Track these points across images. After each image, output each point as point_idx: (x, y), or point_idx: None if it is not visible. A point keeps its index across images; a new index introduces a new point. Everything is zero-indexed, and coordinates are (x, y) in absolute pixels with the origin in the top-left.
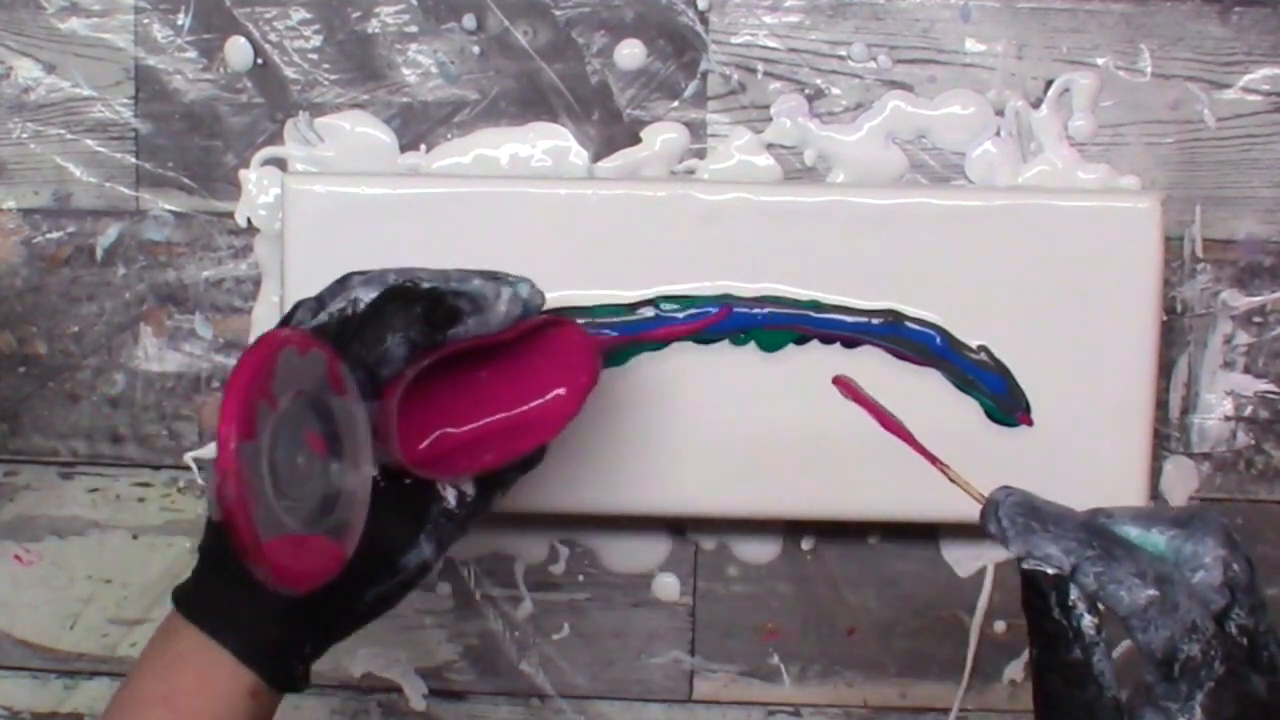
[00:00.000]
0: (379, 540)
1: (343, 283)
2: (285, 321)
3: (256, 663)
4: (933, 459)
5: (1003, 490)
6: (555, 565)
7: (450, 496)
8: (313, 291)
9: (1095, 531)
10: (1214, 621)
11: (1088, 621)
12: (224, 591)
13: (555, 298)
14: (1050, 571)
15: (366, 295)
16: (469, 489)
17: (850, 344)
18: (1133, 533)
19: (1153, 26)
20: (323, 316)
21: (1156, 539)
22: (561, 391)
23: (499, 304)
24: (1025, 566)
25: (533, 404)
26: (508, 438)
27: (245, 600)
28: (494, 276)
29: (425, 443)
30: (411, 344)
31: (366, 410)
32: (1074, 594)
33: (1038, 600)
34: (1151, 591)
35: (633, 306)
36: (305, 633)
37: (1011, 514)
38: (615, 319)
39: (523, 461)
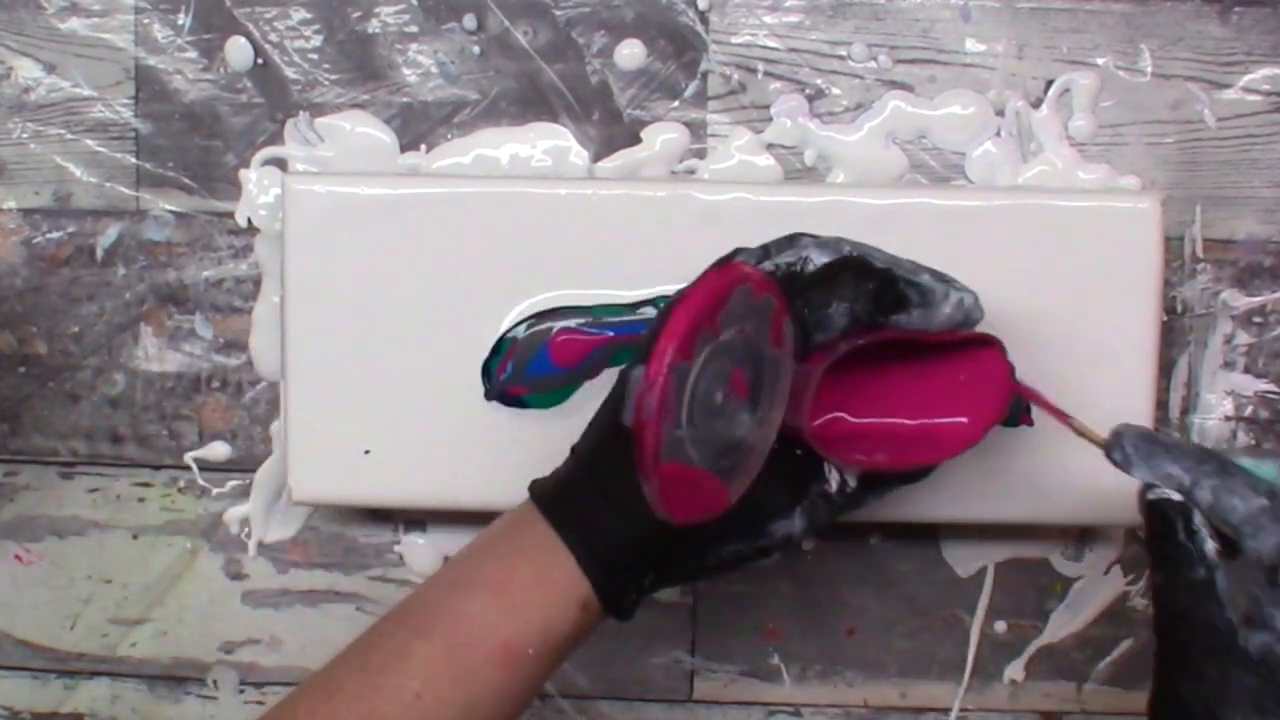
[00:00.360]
0: (757, 500)
1: (792, 240)
2: (727, 260)
3: (597, 577)
4: (1057, 412)
5: (1124, 425)
6: None
7: (833, 481)
8: (312, 290)
9: (1212, 455)
10: None
11: (1210, 546)
12: (589, 498)
13: (555, 298)
14: (1176, 499)
15: (819, 257)
16: (852, 480)
17: None
18: (1245, 462)
19: (1153, 26)
20: (768, 265)
21: (1267, 469)
22: (964, 419)
23: (944, 305)
24: (1150, 497)
25: (936, 419)
26: (902, 444)
27: (608, 514)
28: (943, 278)
29: (820, 420)
30: (854, 317)
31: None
32: (1197, 520)
33: (1163, 528)
34: (1263, 500)
35: (633, 306)
36: (652, 564)
37: (1135, 442)
38: (616, 319)
39: (910, 473)
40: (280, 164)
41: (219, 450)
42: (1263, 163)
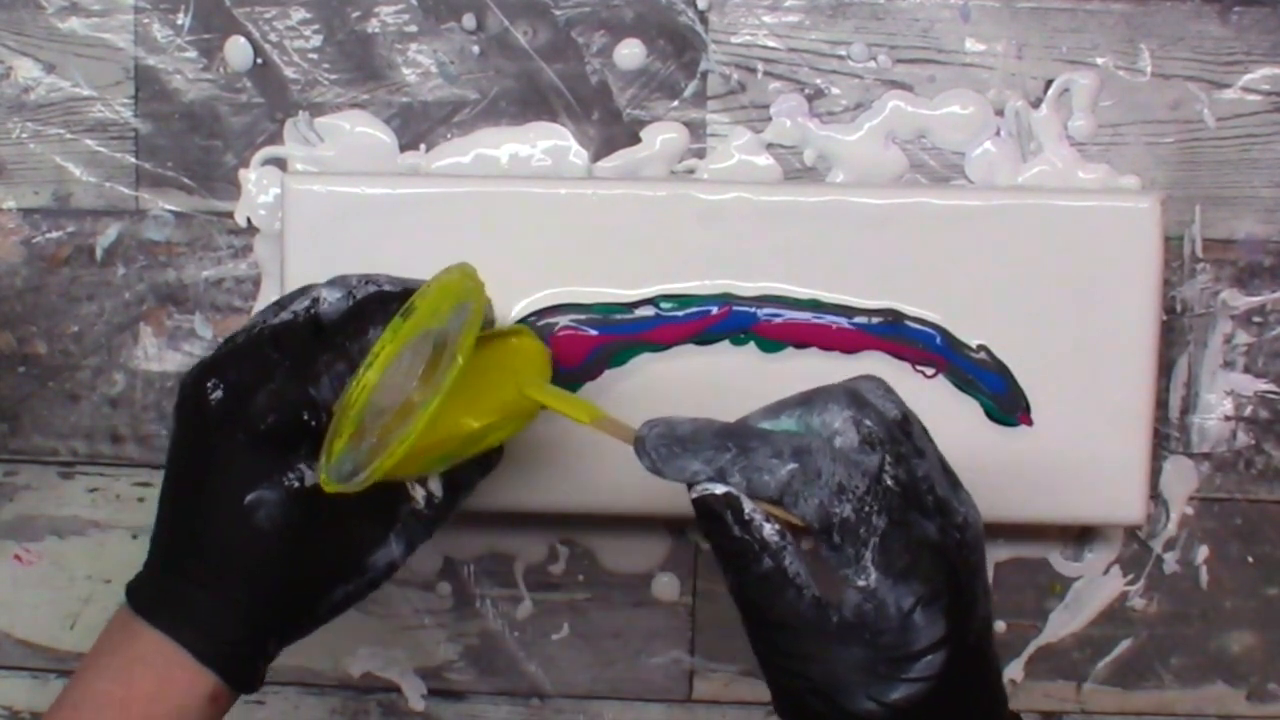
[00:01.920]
0: (350, 539)
1: (303, 291)
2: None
3: (219, 665)
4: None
5: (646, 425)
6: (555, 565)
7: (419, 497)
8: None
9: (729, 434)
10: (867, 479)
11: (769, 530)
12: (183, 589)
13: (556, 296)
14: (719, 491)
15: (330, 294)
16: (437, 490)
17: (850, 349)
18: (766, 425)
19: (1153, 26)
20: (286, 315)
21: (787, 423)
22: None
23: None
24: (693, 496)
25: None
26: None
27: (207, 599)
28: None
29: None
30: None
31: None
32: (749, 508)
33: (716, 524)
34: (791, 465)
35: (632, 306)
36: (269, 631)
37: (656, 445)
38: (617, 318)
39: (482, 463)
40: (280, 164)
41: None
42: (1263, 163)
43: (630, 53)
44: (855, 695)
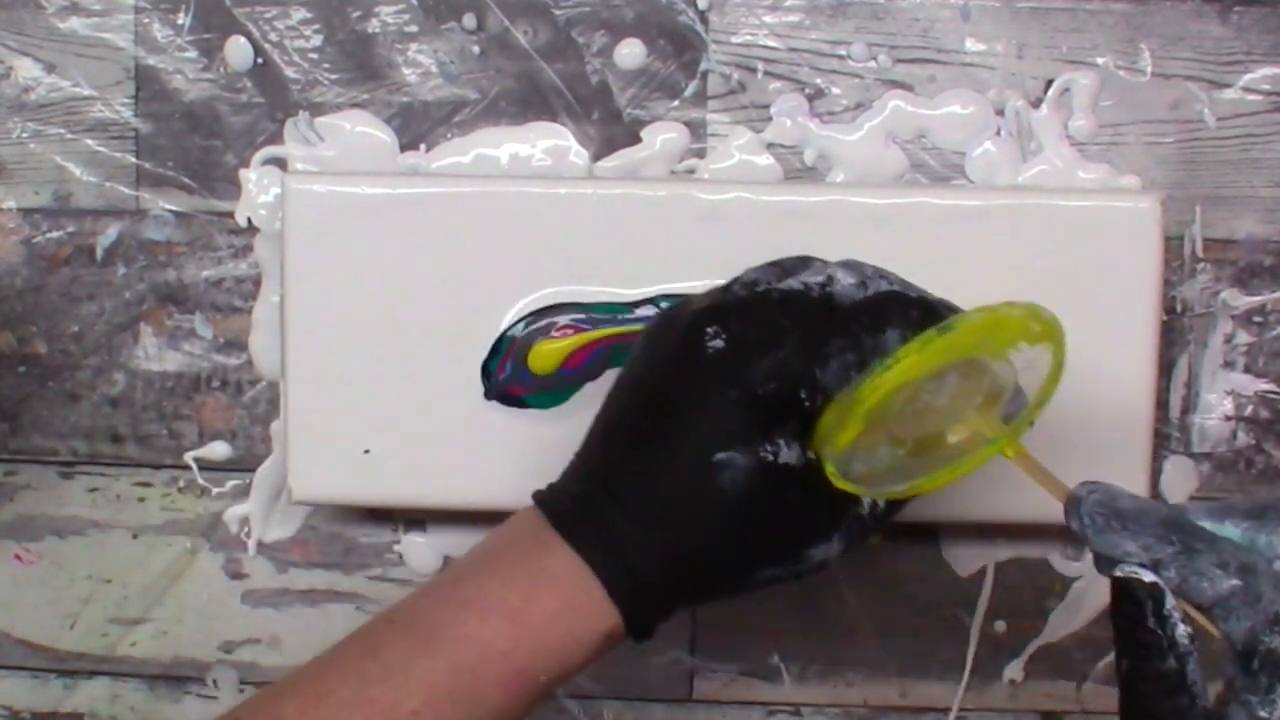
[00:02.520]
0: (800, 525)
1: (806, 261)
2: (744, 282)
3: (628, 606)
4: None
5: (1085, 486)
6: None
7: (866, 504)
8: (312, 290)
9: (1175, 526)
10: None
11: (1181, 631)
12: (615, 519)
13: (557, 295)
14: (1147, 579)
15: (846, 277)
16: (882, 501)
17: None
18: (1206, 523)
19: (1153, 26)
20: (794, 283)
21: (1231, 531)
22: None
23: None
24: (1119, 574)
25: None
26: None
27: (639, 537)
28: (947, 304)
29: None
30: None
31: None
32: (1169, 604)
33: (1132, 610)
34: (1235, 581)
35: (633, 306)
36: (686, 589)
37: (1092, 512)
38: (618, 317)
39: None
40: (280, 163)
41: (219, 450)
42: (1263, 163)
43: (630, 52)
44: None
